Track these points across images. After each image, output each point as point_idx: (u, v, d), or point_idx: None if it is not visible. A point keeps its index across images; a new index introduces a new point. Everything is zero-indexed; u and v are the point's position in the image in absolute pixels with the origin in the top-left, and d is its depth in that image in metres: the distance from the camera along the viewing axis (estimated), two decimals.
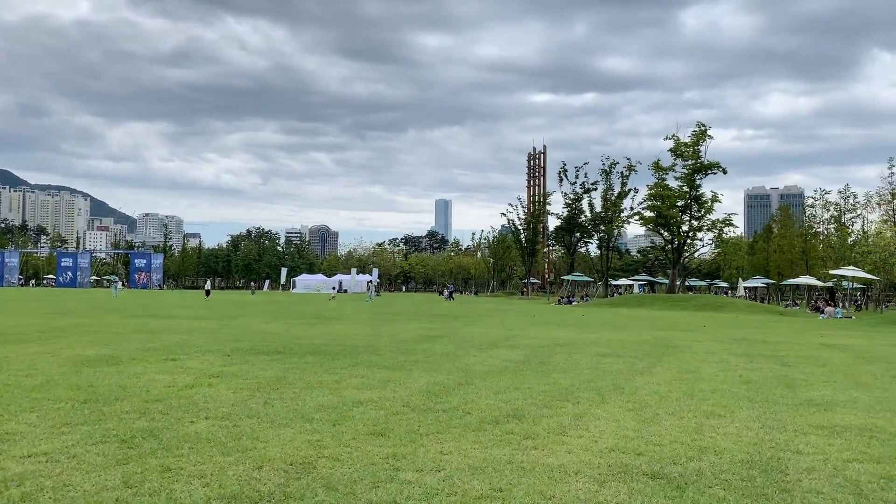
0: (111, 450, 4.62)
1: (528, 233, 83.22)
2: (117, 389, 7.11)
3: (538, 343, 14.28)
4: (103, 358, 9.88)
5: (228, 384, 7.65)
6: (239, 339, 13.78)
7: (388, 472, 4.21)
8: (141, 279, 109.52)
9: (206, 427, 5.40)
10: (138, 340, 12.87)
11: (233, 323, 19.39)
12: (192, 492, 3.75)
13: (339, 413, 6.09)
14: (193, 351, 11.13)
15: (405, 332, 16.68)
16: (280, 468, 4.25)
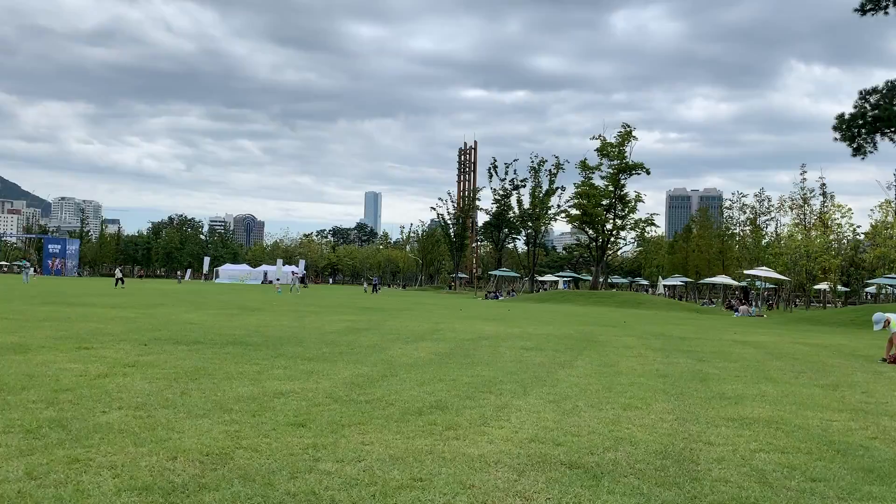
0: (15, 440, 4.41)
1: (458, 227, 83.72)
2: (24, 378, 6.79)
3: (464, 336, 14.37)
4: (9, 346, 9.42)
5: (144, 374, 7.41)
6: (158, 328, 13.36)
7: (308, 463, 4.16)
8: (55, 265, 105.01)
9: (119, 417, 5.21)
10: (49, 328, 12.33)
11: (152, 312, 18.79)
12: (101, 483, 3.61)
13: (260, 404, 5.98)
14: (108, 340, 10.74)
15: (330, 324, 16.52)
16: (195, 459, 4.14)
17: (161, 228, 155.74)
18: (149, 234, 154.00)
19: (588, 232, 61.86)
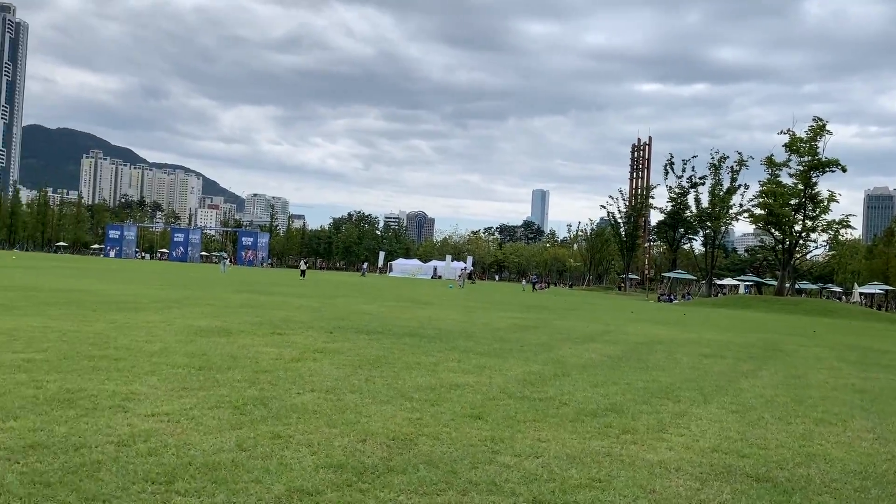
0: (225, 415, 4.89)
1: (629, 226, 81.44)
2: (229, 359, 7.49)
3: (637, 340, 14.02)
4: (215, 329, 10.41)
5: (332, 360, 7.92)
6: (340, 318, 14.19)
7: (487, 455, 4.27)
8: (247, 256, 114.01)
9: (312, 399, 5.62)
10: (246, 314, 13.47)
11: (333, 303, 19.97)
12: (301, 459, 3.93)
13: (437, 394, 6.20)
14: (298, 327, 11.56)
15: (499, 321, 16.72)
16: (383, 442, 4.39)
17: (341, 224, 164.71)
18: (330, 229, 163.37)
19: (773, 233, 57.79)
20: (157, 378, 6.11)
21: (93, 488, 3.23)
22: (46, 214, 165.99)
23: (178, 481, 3.41)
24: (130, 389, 5.54)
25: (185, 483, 3.39)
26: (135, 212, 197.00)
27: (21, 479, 3.30)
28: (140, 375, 6.19)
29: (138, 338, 8.80)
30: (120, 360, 6.91)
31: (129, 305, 13.92)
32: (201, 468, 3.63)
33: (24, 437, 3.98)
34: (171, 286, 24.07)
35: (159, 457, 3.79)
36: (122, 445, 3.96)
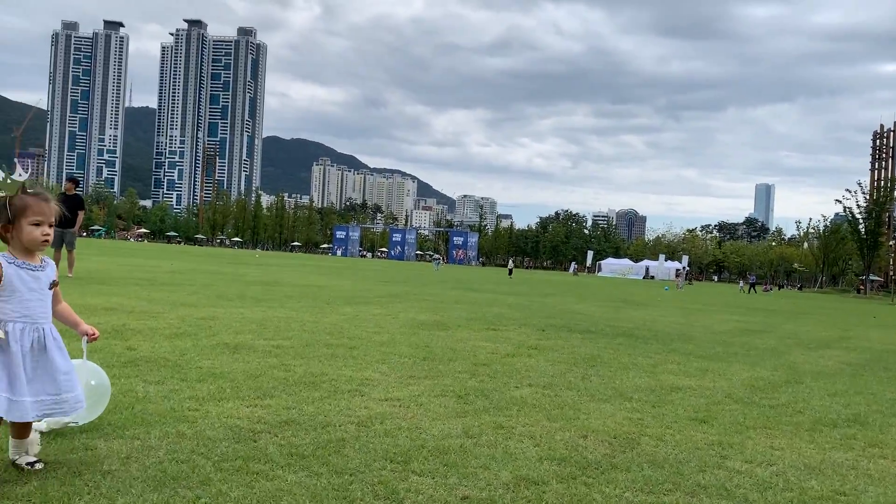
0: (450, 403, 5.14)
1: (870, 223, 73.47)
2: (449, 351, 7.84)
3: (882, 347, 12.65)
4: (434, 323, 10.93)
5: (546, 357, 8.00)
6: (551, 316, 14.26)
7: (716, 459, 4.11)
8: (458, 255, 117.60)
9: (530, 393, 5.73)
10: (461, 310, 13.98)
11: (543, 301, 20.10)
12: (525, 450, 4.04)
13: (658, 396, 6.05)
14: (510, 323, 11.80)
15: (720, 324, 15.87)
16: (604, 440, 4.38)
17: (548, 223, 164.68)
18: (537, 228, 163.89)
19: None
20: (387, 366, 6.56)
21: (340, 463, 3.56)
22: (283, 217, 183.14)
23: (414, 462, 3.65)
24: (364, 375, 6.00)
25: (419, 464, 3.63)
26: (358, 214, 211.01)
27: (280, 450, 3.71)
28: (372, 363, 6.68)
29: (368, 329, 9.49)
30: (354, 349, 7.50)
31: (357, 299, 15.02)
32: (433, 451, 3.86)
33: (280, 414, 4.47)
34: (391, 282, 25.57)
35: (394, 438, 4.08)
36: (361, 426, 4.31)
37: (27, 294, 3.06)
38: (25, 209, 3.04)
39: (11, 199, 3.05)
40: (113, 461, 3.35)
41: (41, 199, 3.10)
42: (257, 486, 3.17)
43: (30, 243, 3.07)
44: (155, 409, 4.33)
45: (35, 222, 3.05)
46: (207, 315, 9.79)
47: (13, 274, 3.04)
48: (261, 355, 6.71)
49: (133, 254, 39.88)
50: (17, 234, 3.06)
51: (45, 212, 3.08)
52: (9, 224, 3.05)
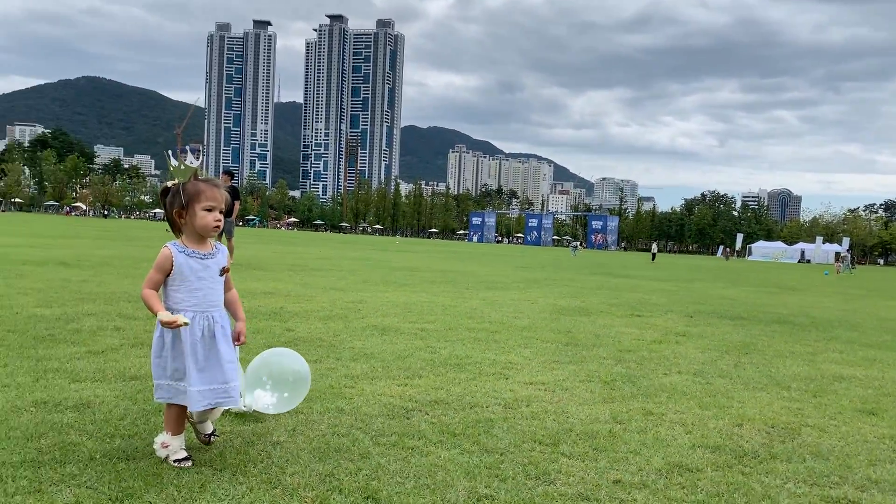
0: (597, 388, 5.11)
1: None
2: (592, 337, 7.76)
3: None
4: (575, 308, 10.83)
5: (695, 343, 7.74)
6: (698, 301, 13.75)
7: (888, 454, 3.84)
8: (597, 240, 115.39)
9: (680, 380, 5.58)
10: (602, 296, 13.75)
11: (689, 286, 19.39)
12: (676, 436, 3.95)
13: (818, 385, 5.71)
14: (655, 309, 11.48)
15: (888, 310, 14.67)
16: (761, 429, 4.20)
17: (693, 205, 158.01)
18: (682, 210, 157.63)
19: None
20: (529, 351, 6.60)
21: (490, 442, 3.64)
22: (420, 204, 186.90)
23: (562, 444, 3.67)
24: (508, 359, 6.07)
25: (568, 447, 3.64)
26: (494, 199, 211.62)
27: (432, 427, 3.84)
28: (514, 348, 6.74)
29: (508, 313, 9.56)
30: (495, 333, 7.59)
31: (496, 284, 15.14)
32: (581, 435, 3.86)
33: (429, 394, 4.62)
34: (528, 268, 25.54)
35: (541, 421, 4.11)
36: (508, 408, 4.38)
37: (196, 283, 3.09)
38: (199, 195, 3.06)
39: (185, 185, 3.08)
40: (281, 433, 3.61)
41: (212, 185, 3.13)
42: (413, 460, 3.30)
43: (202, 229, 3.09)
44: (315, 387, 4.59)
45: (207, 208, 3.08)
46: (356, 299, 10.23)
47: (183, 263, 3.07)
48: (407, 337, 6.94)
49: (285, 241, 42.18)
50: (190, 220, 3.08)
51: (216, 198, 3.10)
52: (182, 210, 3.07)
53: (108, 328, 6.37)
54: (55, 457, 3.06)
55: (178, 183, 3.09)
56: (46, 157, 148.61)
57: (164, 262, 3.06)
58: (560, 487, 3.06)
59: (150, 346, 5.62)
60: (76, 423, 3.54)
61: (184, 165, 3.06)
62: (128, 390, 4.25)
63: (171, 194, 3.11)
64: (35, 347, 5.34)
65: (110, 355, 5.22)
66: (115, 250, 19.40)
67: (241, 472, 3.02)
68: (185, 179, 3.07)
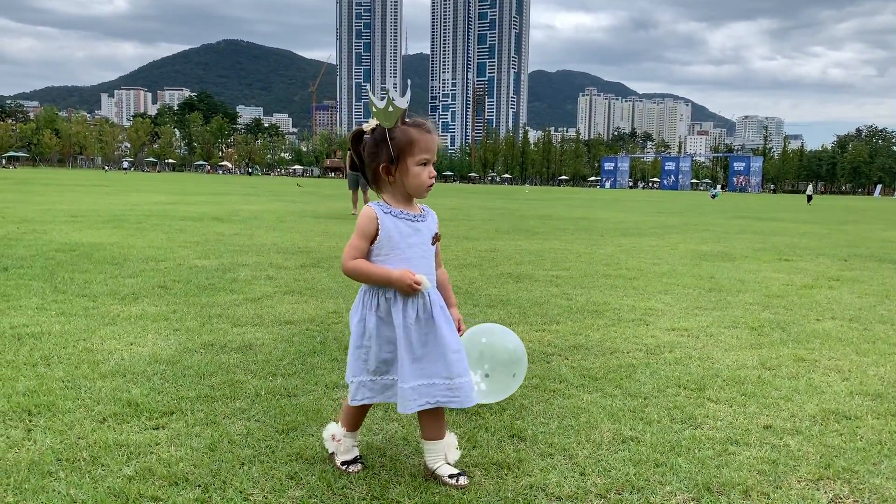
0: (743, 334, 4.93)
1: None
2: (737, 283, 7.46)
3: None
4: (717, 254, 10.42)
5: (850, 288, 7.27)
6: (854, 244, 12.85)
7: None
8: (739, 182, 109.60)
9: (834, 326, 5.28)
10: (746, 240, 13.13)
11: (843, 229, 18.12)
12: (831, 383, 3.76)
13: None
14: (805, 253, 10.85)
15: None
16: None
17: (847, 142, 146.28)
18: (833, 148, 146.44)
19: None
20: (670, 297, 6.44)
21: (632, 387, 3.63)
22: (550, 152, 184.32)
23: (708, 389, 3.60)
24: (648, 305, 5.97)
25: (714, 392, 3.56)
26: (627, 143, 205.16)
27: (572, 371, 3.87)
28: (654, 294, 6.60)
29: (645, 260, 9.34)
30: (633, 280, 7.46)
31: (631, 231, 14.79)
32: (728, 381, 3.76)
33: (567, 339, 4.64)
34: (666, 213, 24.72)
35: (685, 366, 4.04)
36: (650, 353, 4.33)
37: (407, 250, 2.46)
38: (411, 145, 2.40)
39: (391, 133, 2.41)
40: None
41: (425, 130, 2.44)
42: (555, 402, 3.35)
43: (416, 189, 2.46)
44: None
45: (422, 161, 2.42)
46: (489, 248, 10.33)
47: (391, 226, 2.44)
48: (542, 284, 6.96)
49: None
50: (400, 177, 2.43)
51: (431, 148, 2.44)
52: (390, 164, 2.42)
53: (261, 277, 6.80)
54: (225, 393, 3.35)
55: (379, 128, 2.44)
56: (194, 119, 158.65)
57: (369, 226, 2.44)
58: (707, 431, 3.01)
59: (301, 294, 6.02)
60: (241, 364, 3.85)
61: (392, 106, 2.38)
62: (284, 333, 4.56)
63: (374, 144, 2.45)
64: (199, 295, 5.81)
65: (265, 302, 5.60)
66: (261, 205, 20.54)
67: (394, 409, 3.18)
68: (390, 124, 2.40)
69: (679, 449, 2.80)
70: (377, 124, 2.44)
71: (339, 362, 3.90)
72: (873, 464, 2.71)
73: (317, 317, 5.09)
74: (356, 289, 2.64)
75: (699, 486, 2.48)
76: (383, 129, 2.42)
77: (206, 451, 2.68)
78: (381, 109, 2.41)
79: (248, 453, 2.67)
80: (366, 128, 2.47)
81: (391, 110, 2.39)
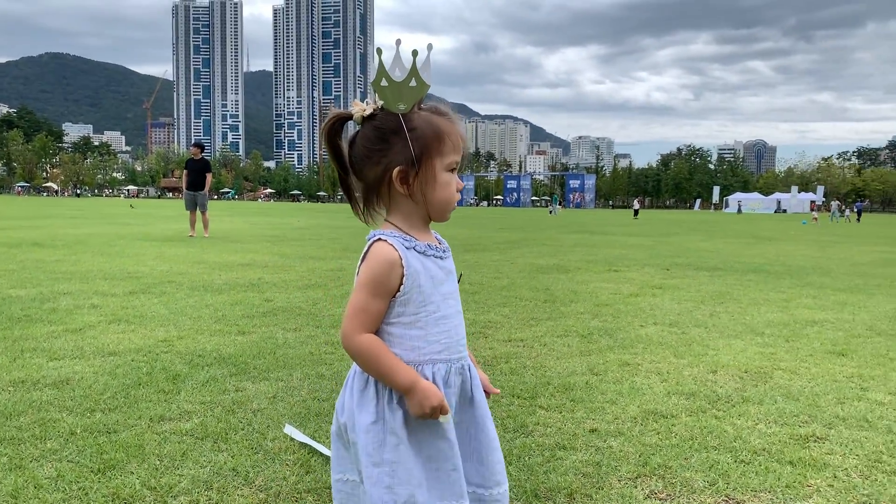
0: (574, 342, 5.18)
1: None
2: (570, 294, 7.84)
3: None
4: (553, 266, 10.91)
5: (672, 295, 7.85)
6: (676, 255, 13.90)
7: (855, 392, 3.95)
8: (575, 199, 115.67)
9: (656, 331, 5.67)
10: (579, 253, 13.85)
11: (667, 240, 19.57)
12: (652, 385, 4.03)
13: (792, 330, 5.83)
14: (633, 264, 11.60)
15: (860, 255, 14.94)
16: (735, 374, 4.30)
17: (670, 160, 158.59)
18: (658, 166, 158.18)
19: None
20: (508, 309, 6.66)
21: None
22: None
23: (540, 397, 3.73)
24: (487, 318, 6.13)
25: (546, 399, 3.70)
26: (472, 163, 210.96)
27: None
28: (493, 307, 6.79)
29: (487, 275, 9.61)
30: (475, 294, 7.64)
31: (475, 247, 15.19)
32: (558, 388, 3.92)
33: None
34: (508, 229, 25.61)
35: (520, 376, 4.17)
36: (487, 365, 4.44)
37: (443, 305, 1.64)
38: (440, 140, 1.60)
39: (409, 121, 1.58)
40: (261, 400, 3.63)
41: (450, 120, 1.66)
42: None
43: (443, 206, 1.64)
44: (295, 354, 4.62)
45: (452, 166, 1.63)
46: (335, 267, 10.22)
47: (419, 269, 1.60)
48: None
49: (262, 213, 41.89)
50: (422, 188, 1.60)
51: (460, 146, 1.65)
52: (410, 168, 1.58)
53: (84, 306, 6.33)
54: (35, 433, 3.07)
55: (386, 114, 1.59)
56: (13, 138, 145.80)
57: (389, 275, 1.57)
58: (538, 438, 3.12)
59: (128, 322, 5.67)
60: (55, 400, 3.54)
61: (416, 80, 1.57)
62: (107, 365, 4.25)
63: (379, 136, 1.59)
64: (11, 328, 5.31)
65: (88, 332, 5.20)
66: (89, 229, 19.17)
67: (223, 440, 3.05)
68: (406, 107, 1.58)
69: (510, 458, 2.88)
70: (381, 107, 1.59)
71: (165, 393, 3.69)
72: (685, 459, 2.92)
73: (144, 346, 4.79)
74: (192, 316, 2.49)
75: (528, 493, 2.56)
76: (396, 116, 1.57)
77: (7, 498, 2.43)
78: (395, 83, 1.56)
79: (56, 497, 2.45)
80: (357, 110, 1.60)
81: (413, 86, 1.56)
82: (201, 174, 16.20)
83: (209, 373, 4.10)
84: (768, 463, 2.87)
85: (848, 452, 3.01)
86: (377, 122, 1.59)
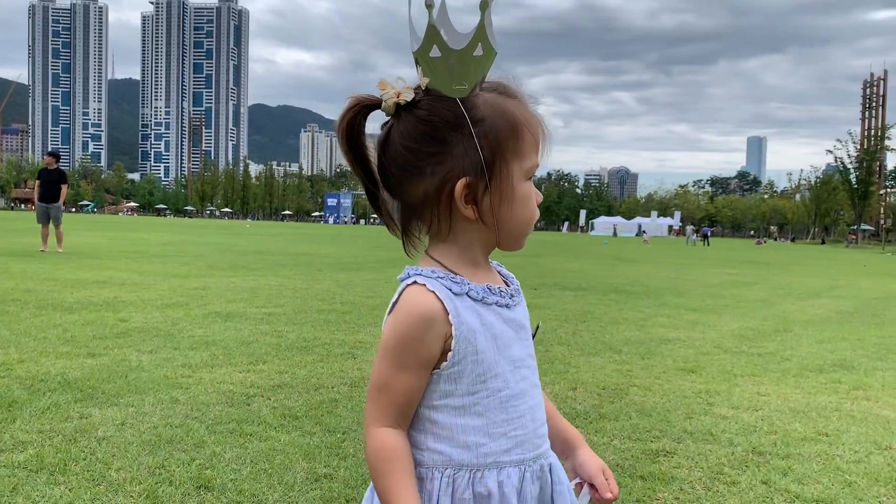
0: None
1: (861, 172, 73.65)
2: None
3: (870, 295, 12.79)
4: None
5: (538, 315, 8.07)
6: (543, 275, 14.35)
7: (702, 406, 4.19)
8: None
9: None
10: None
11: (536, 261, 20.19)
12: None
13: (647, 348, 6.13)
14: None
15: (711, 277, 16.00)
16: (593, 391, 4.45)
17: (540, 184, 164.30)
18: None
19: None
20: (379, 329, 6.60)
21: (333, 422, 3.62)
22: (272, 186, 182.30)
23: None
24: (357, 339, 6.06)
25: None
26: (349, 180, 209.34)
27: (273, 412, 3.76)
28: (364, 326, 6.73)
29: (360, 294, 9.52)
30: (346, 314, 7.54)
31: (349, 266, 15.05)
32: None
33: (272, 378, 4.52)
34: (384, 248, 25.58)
35: None
36: (354, 387, 4.37)
37: (511, 379, 1.12)
38: (515, 135, 1.10)
39: (472, 109, 1.06)
40: (108, 428, 3.39)
41: (523, 102, 1.14)
42: (251, 446, 3.22)
43: (522, 229, 1.15)
44: (148, 377, 4.36)
45: (531, 172, 1.13)
46: (199, 285, 9.81)
47: (477, 327, 1.09)
48: (253, 322, 6.75)
49: (123, 227, 39.71)
50: (497, 205, 1.10)
51: (539, 139, 1.14)
52: (478, 180, 1.07)
53: None
54: None
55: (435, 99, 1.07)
56: None
57: (425, 335, 1.07)
58: None
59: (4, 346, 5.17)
60: None
61: (484, 46, 1.06)
62: None
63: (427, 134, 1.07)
64: None
65: None
66: None
67: (60, 471, 2.82)
68: (468, 87, 1.06)
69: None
70: (426, 88, 1.07)
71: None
72: None
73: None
74: (37, 337, 2.27)
75: None
76: (453, 101, 1.06)
77: None
78: (453, 52, 1.05)
79: None
80: (390, 94, 1.08)
81: (479, 55, 1.06)
82: (55, 185, 15.16)
83: (51, 399, 3.80)
84: (621, 478, 2.98)
85: (693, 466, 3.17)
86: (423, 112, 1.06)
